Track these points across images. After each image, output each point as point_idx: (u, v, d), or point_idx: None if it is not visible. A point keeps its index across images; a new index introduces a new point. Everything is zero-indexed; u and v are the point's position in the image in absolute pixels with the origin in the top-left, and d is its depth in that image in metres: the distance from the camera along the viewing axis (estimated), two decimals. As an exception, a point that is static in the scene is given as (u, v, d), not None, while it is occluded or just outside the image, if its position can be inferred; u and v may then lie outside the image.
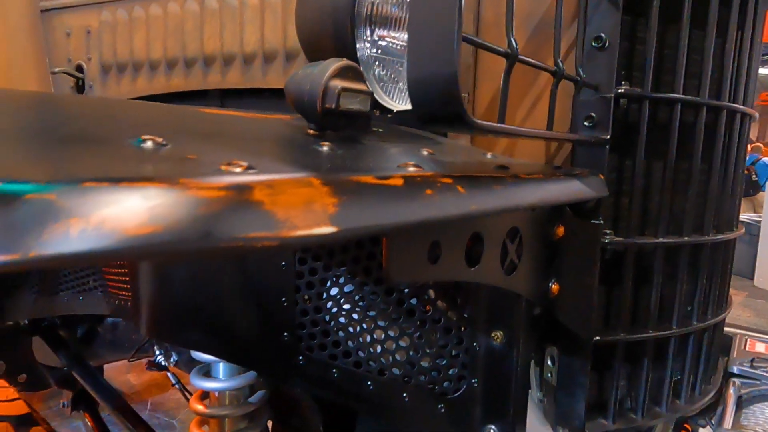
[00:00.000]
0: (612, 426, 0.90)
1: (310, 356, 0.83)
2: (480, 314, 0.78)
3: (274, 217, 0.27)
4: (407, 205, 0.36)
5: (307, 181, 0.30)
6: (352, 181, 0.33)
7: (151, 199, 0.23)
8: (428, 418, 0.82)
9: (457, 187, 0.43)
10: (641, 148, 0.85)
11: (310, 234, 0.28)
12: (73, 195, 0.21)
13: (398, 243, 0.48)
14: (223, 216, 0.25)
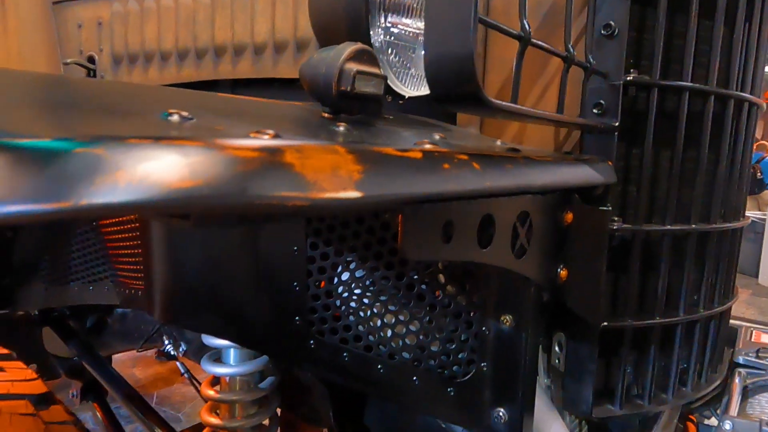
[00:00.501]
0: (619, 411, 0.91)
1: (321, 340, 0.84)
2: (489, 299, 0.79)
3: (304, 179, 0.28)
4: (426, 177, 0.37)
5: (333, 149, 0.31)
6: (375, 151, 0.34)
7: (191, 156, 0.24)
8: (438, 401, 0.83)
9: (472, 164, 0.44)
10: (649, 137, 0.86)
11: (337, 197, 0.29)
12: (119, 150, 0.23)
13: (413, 220, 0.49)
14: (257, 175, 0.26)
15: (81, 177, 0.22)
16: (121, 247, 1.25)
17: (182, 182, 0.23)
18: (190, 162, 0.24)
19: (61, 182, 0.21)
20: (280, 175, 0.27)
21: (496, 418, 0.81)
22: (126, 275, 1.28)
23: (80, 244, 1.49)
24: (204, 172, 0.24)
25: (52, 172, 0.21)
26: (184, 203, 0.23)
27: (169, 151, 0.24)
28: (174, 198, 0.23)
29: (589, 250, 0.83)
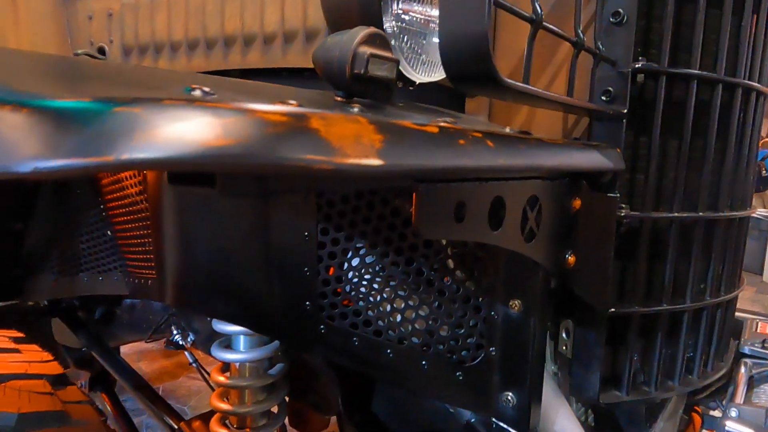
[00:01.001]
0: (626, 397, 0.91)
1: (331, 325, 0.85)
2: (498, 283, 0.80)
3: (329, 144, 0.29)
4: (443, 151, 0.38)
5: (355, 119, 0.32)
6: (394, 123, 0.35)
7: (223, 117, 0.25)
8: (446, 385, 0.84)
9: (486, 142, 0.45)
10: (657, 124, 0.86)
11: (360, 164, 0.30)
12: (156, 110, 0.23)
13: (427, 198, 0.50)
14: (286, 137, 0.27)
15: (121, 133, 0.22)
16: (131, 236, 1.27)
17: (216, 140, 0.24)
18: (223, 122, 0.25)
19: (102, 138, 0.22)
20: (307, 139, 0.28)
21: (504, 402, 0.82)
22: (136, 264, 1.30)
23: (90, 235, 1.51)
24: (236, 133, 0.25)
25: (94, 129, 0.22)
26: (216, 161, 0.24)
27: (203, 112, 0.25)
28: (208, 155, 0.24)
29: (596, 237, 0.84)
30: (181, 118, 0.24)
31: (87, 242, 1.54)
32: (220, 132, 0.24)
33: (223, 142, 0.24)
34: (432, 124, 0.40)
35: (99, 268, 1.56)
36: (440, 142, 0.38)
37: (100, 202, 1.42)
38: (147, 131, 0.23)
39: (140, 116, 0.23)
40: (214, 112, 0.25)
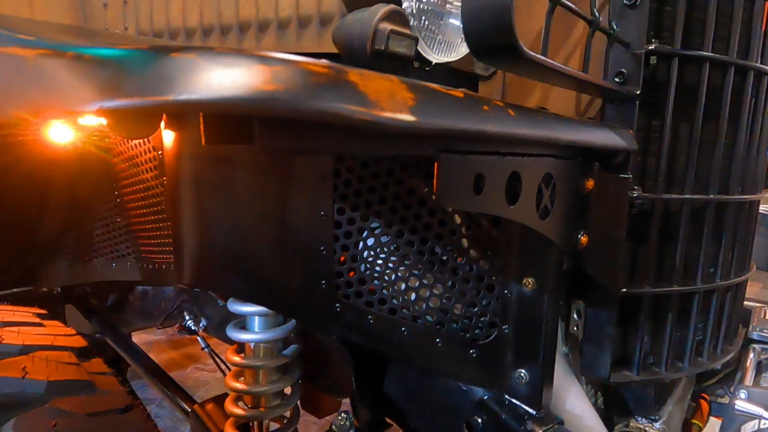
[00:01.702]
0: (636, 377, 0.93)
1: (346, 303, 0.86)
2: (512, 262, 0.81)
3: (367, 97, 0.30)
4: (469, 114, 0.40)
5: (388, 77, 0.33)
6: (424, 85, 0.36)
7: (273, 65, 0.26)
8: (460, 363, 0.85)
9: (508, 110, 0.46)
10: (669, 107, 0.87)
11: (396, 118, 0.31)
12: (210, 55, 0.25)
13: (448, 168, 0.51)
14: (328, 87, 0.28)
15: (178, 76, 0.24)
16: (145, 222, 1.28)
17: (265, 85, 0.26)
18: (272, 70, 0.26)
19: (161, 80, 0.24)
20: (347, 91, 0.29)
21: (516, 379, 0.83)
22: (150, 250, 1.31)
23: (103, 221, 1.53)
24: (284, 79, 0.26)
25: (153, 72, 0.24)
26: (266, 104, 0.25)
27: (253, 60, 0.26)
28: (258, 98, 0.25)
29: (609, 218, 0.85)
30: (233, 64, 0.25)
31: (100, 229, 1.56)
32: (269, 78, 0.25)
33: (272, 87, 0.25)
34: (457, 90, 0.41)
35: (112, 255, 1.58)
36: (466, 106, 0.40)
37: (114, 188, 1.44)
38: (202, 74, 0.24)
39: (195, 61, 0.24)
40: (263, 60, 0.26)
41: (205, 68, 0.24)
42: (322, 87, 0.28)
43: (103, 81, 0.23)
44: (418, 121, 0.33)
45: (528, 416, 0.81)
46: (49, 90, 0.25)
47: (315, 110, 0.27)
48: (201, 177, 0.88)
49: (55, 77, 0.24)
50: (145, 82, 0.23)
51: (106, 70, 0.23)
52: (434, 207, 0.83)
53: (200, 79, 0.24)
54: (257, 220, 0.86)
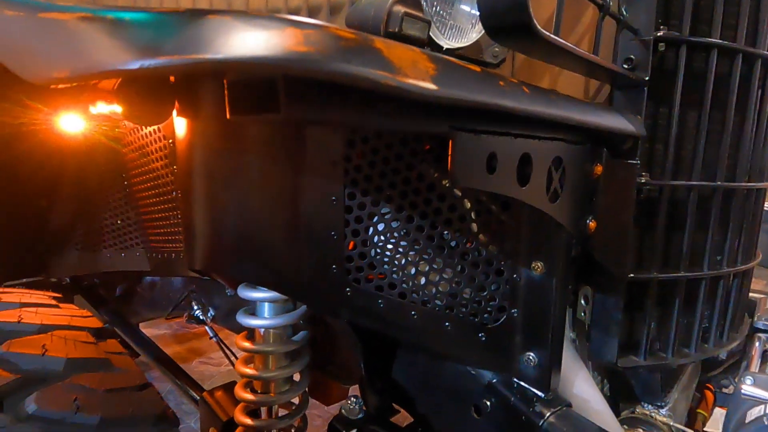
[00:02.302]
0: (643, 362, 0.93)
1: (357, 288, 0.87)
2: (521, 246, 0.82)
3: (392, 63, 0.31)
4: (486, 88, 0.40)
5: (409, 47, 0.34)
6: (443, 57, 0.37)
7: (305, 29, 0.27)
8: (469, 346, 0.86)
9: (522, 87, 0.47)
10: (677, 94, 0.88)
11: (418, 85, 0.32)
12: (245, 18, 0.26)
13: (462, 147, 0.52)
14: (356, 51, 0.29)
15: (215, 36, 0.25)
16: (155, 211, 1.30)
17: (298, 46, 0.27)
18: (304, 33, 0.27)
19: (198, 40, 0.25)
20: (374, 56, 0.30)
21: (525, 362, 0.84)
22: (159, 239, 1.33)
23: (113, 211, 1.54)
24: (315, 42, 0.27)
25: (190, 32, 0.25)
26: (299, 64, 0.26)
27: (287, 23, 0.27)
28: (292, 58, 0.26)
29: (617, 203, 0.86)
30: (267, 26, 0.26)
31: (109, 219, 1.57)
32: (301, 39, 0.26)
33: (304, 48, 0.26)
34: (474, 65, 0.42)
35: (121, 245, 1.59)
36: (483, 79, 0.41)
37: (123, 179, 1.45)
38: (238, 35, 0.25)
39: (232, 23, 0.25)
40: (295, 23, 0.27)
41: (241, 29, 0.25)
42: (350, 51, 0.29)
43: (143, 42, 0.24)
44: (439, 90, 0.34)
45: (537, 399, 0.82)
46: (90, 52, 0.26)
47: (344, 72, 0.28)
48: (213, 163, 0.89)
49: (96, 40, 0.25)
50: (184, 43, 0.24)
51: (146, 33, 0.24)
52: (444, 192, 0.84)
53: (237, 39, 0.25)
54: (268, 205, 0.87)
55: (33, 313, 0.72)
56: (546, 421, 0.79)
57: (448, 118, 0.50)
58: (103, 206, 1.54)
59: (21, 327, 0.68)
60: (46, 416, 0.56)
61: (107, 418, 0.59)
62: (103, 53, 0.25)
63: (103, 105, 1.02)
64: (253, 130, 0.84)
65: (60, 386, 0.61)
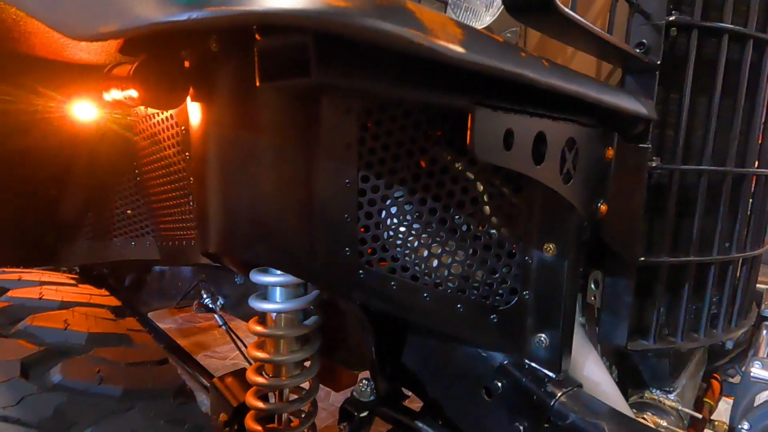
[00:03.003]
0: (652, 345, 0.94)
1: (369, 270, 0.88)
2: (533, 228, 0.83)
3: (424, 25, 0.32)
4: (509, 56, 0.41)
5: (437, 13, 0.35)
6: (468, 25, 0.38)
7: (343, -13, 0.28)
8: (481, 328, 0.87)
9: (542, 61, 0.48)
10: (688, 79, 0.89)
11: (449, 47, 0.33)
12: (287, -27, 0.27)
13: (481, 122, 0.53)
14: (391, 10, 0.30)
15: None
16: (166, 198, 1.31)
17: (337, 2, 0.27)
18: (342, -10, 0.28)
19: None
20: (407, 16, 0.31)
21: (537, 344, 0.85)
22: (170, 227, 1.34)
23: (123, 200, 1.55)
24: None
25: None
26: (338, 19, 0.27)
27: (328, -20, 0.28)
28: (331, 13, 0.27)
29: (628, 187, 0.86)
30: (306, -18, 0.27)
31: (120, 208, 1.58)
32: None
33: (342, 4, 0.27)
34: (496, 35, 0.42)
35: (131, 234, 1.61)
36: (506, 49, 0.41)
37: (134, 167, 1.46)
38: (279, -12, 0.26)
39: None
40: (335, -18, 0.28)
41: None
42: (385, 9, 0.29)
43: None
44: (467, 53, 0.34)
45: (548, 379, 0.83)
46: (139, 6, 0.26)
47: (380, 29, 0.29)
48: (228, 146, 0.90)
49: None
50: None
51: (194, -15, 0.25)
52: (457, 175, 0.85)
53: (277, -8, 0.26)
54: (282, 188, 0.88)
55: (53, 291, 0.73)
56: (557, 401, 0.80)
57: (468, 92, 0.51)
58: (113, 195, 1.56)
59: (43, 303, 0.69)
60: (70, 386, 0.57)
61: (129, 389, 0.60)
62: (151, 6, 0.26)
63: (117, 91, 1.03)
64: (268, 113, 0.85)
65: (83, 358, 0.62)
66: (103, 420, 0.55)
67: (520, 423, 0.84)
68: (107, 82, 1.07)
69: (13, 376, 0.56)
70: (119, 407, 0.58)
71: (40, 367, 0.58)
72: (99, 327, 0.68)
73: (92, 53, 1.11)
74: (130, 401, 0.59)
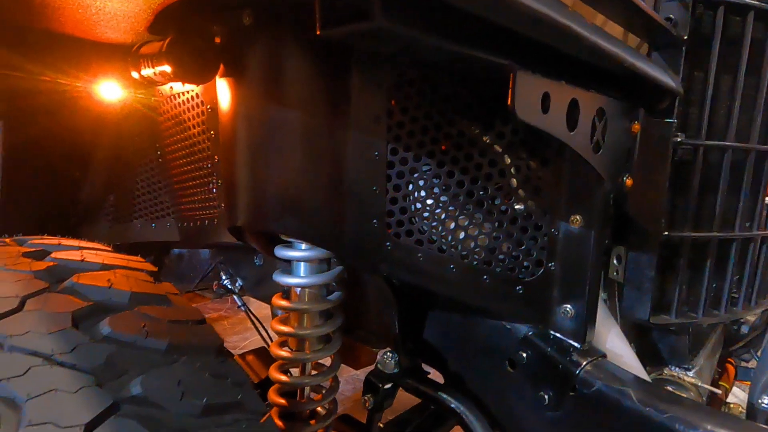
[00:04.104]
0: (674, 320, 0.95)
1: (397, 242, 0.90)
2: (560, 200, 0.84)
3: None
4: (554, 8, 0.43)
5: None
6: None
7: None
8: (507, 299, 0.89)
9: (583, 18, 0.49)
10: (714, 57, 0.90)
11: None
12: None
13: (522, 83, 0.54)
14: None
15: None
16: (189, 178, 1.33)
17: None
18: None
19: None
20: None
21: (562, 314, 0.87)
22: (192, 207, 1.36)
23: (145, 182, 1.57)
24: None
25: None
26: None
27: None
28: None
29: (653, 161, 0.88)
30: None
31: (141, 189, 1.60)
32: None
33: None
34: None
35: (152, 215, 1.63)
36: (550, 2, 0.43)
37: (157, 148, 1.48)
38: None
39: None
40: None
41: None
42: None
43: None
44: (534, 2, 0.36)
45: (573, 349, 0.85)
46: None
47: None
48: (258, 120, 0.92)
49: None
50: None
51: None
52: (485, 147, 0.86)
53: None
54: (312, 160, 0.89)
55: (93, 254, 0.75)
56: (583, 369, 0.82)
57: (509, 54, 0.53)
58: (135, 176, 1.58)
59: (85, 265, 0.71)
60: (119, 338, 0.59)
61: (173, 344, 0.62)
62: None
63: (148, 69, 1.05)
64: (300, 87, 0.87)
65: (129, 314, 0.64)
66: (152, 370, 0.57)
67: (545, 392, 0.86)
68: (137, 60, 1.09)
69: (66, 327, 0.58)
70: (165, 360, 0.60)
71: (89, 321, 0.60)
72: (140, 288, 0.70)
73: (121, 32, 1.13)
74: (174, 355, 0.61)
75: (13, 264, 0.66)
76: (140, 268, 0.77)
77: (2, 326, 0.54)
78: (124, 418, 0.51)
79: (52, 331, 0.56)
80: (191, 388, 0.57)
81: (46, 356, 0.53)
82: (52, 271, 0.67)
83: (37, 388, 0.50)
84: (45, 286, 0.63)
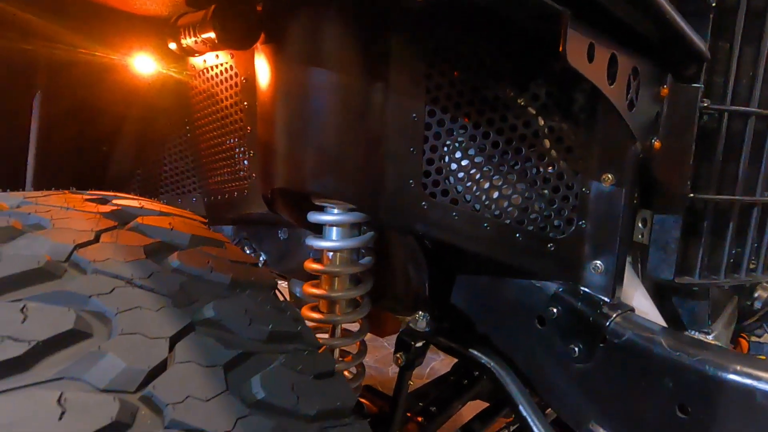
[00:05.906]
0: (696, 281, 0.99)
1: (433, 201, 0.93)
2: (592, 159, 0.88)
3: None
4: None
5: None
6: None
7: None
8: (538, 256, 0.92)
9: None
10: (740, 25, 0.93)
11: None
12: None
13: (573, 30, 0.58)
14: None
15: None
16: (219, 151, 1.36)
17: None
18: None
19: None
20: None
21: (592, 270, 0.90)
22: (220, 180, 1.39)
23: (172, 157, 1.61)
24: None
25: None
26: None
27: None
28: None
29: (680, 124, 0.91)
30: None
31: (168, 165, 1.64)
32: None
33: None
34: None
35: (178, 190, 1.66)
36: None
37: (186, 123, 1.51)
38: None
39: None
40: None
41: None
42: None
43: None
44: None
45: (603, 303, 0.88)
46: None
47: None
48: (298, 84, 0.95)
49: None
50: None
51: None
52: (520, 109, 0.90)
53: None
54: (352, 122, 0.93)
55: (150, 203, 0.79)
56: (613, 320, 0.85)
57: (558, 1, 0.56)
58: (163, 151, 1.61)
59: (145, 210, 0.74)
60: (188, 271, 0.63)
61: (236, 279, 0.65)
62: None
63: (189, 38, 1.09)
64: (340, 51, 0.90)
65: (193, 251, 0.67)
66: (219, 299, 0.61)
67: (575, 345, 0.90)
68: (176, 31, 1.13)
69: (140, 257, 0.62)
70: (230, 293, 0.64)
71: (159, 255, 0.64)
72: (198, 232, 0.73)
73: (159, 4, 1.16)
74: (237, 289, 0.65)
75: (81, 207, 0.70)
76: (193, 217, 0.81)
77: (84, 253, 0.58)
78: (202, 336, 0.55)
79: (128, 260, 0.60)
80: (256, 316, 0.61)
81: (126, 279, 0.57)
82: (117, 214, 0.70)
83: (124, 304, 0.54)
84: (114, 224, 0.67)
